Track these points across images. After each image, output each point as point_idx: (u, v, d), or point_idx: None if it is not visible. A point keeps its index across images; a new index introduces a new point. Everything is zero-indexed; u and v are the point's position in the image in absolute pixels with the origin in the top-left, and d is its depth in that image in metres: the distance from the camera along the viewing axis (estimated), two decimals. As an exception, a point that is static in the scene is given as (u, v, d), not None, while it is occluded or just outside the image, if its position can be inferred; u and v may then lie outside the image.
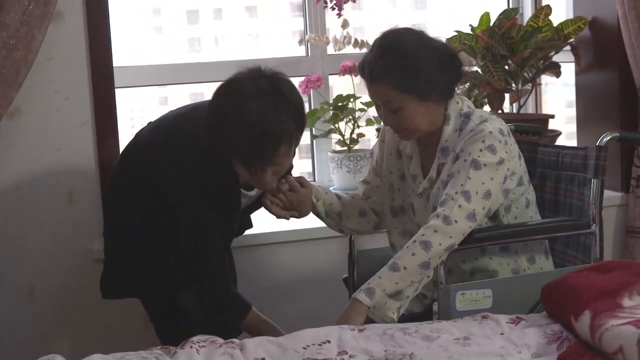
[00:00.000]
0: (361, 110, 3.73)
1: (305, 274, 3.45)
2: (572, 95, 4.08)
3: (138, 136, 2.78)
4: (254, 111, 2.44)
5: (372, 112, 3.89)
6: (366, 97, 3.74)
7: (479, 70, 3.69)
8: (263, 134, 2.44)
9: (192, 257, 2.63)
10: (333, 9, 3.66)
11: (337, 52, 3.78)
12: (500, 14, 3.71)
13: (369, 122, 3.76)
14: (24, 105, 3.16)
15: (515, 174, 2.63)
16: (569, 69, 3.95)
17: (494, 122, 2.59)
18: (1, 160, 3.18)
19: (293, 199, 2.73)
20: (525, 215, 2.70)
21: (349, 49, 3.76)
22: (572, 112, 4.10)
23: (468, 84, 3.76)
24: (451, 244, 2.46)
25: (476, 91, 3.78)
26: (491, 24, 3.69)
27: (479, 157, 2.50)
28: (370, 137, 3.80)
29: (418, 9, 4.59)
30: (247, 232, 3.08)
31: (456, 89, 2.67)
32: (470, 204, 2.47)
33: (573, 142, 4.07)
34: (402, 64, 2.52)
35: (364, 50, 3.75)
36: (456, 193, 2.48)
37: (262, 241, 3.38)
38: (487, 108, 3.85)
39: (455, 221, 2.45)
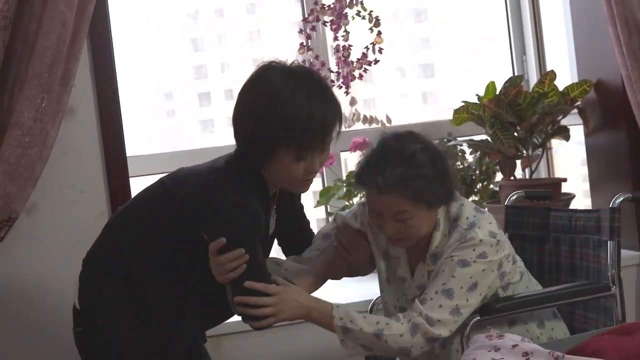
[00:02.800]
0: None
1: (328, 353, 3.43)
2: (584, 154, 4.09)
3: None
4: (303, 97, 2.38)
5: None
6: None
7: (489, 139, 3.71)
8: (320, 118, 2.40)
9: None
10: (340, 87, 3.71)
11: (347, 129, 3.82)
12: (506, 82, 3.74)
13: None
14: (40, 200, 3.20)
15: (510, 256, 2.61)
16: (578, 129, 3.97)
17: (484, 225, 2.52)
18: (20, 256, 3.21)
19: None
20: (521, 287, 2.67)
21: (359, 125, 3.79)
22: (587, 170, 4.11)
23: (479, 152, 3.79)
24: (436, 337, 2.46)
25: (487, 159, 3.80)
26: (497, 93, 3.72)
27: (470, 258, 2.47)
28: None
29: (427, 77, 4.63)
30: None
31: None
32: (452, 300, 2.46)
33: (588, 201, 4.07)
34: (419, 173, 2.42)
35: (374, 125, 3.80)
36: (436, 293, 2.46)
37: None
38: (499, 176, 3.87)
39: (438, 320, 2.45)
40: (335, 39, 3.72)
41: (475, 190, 3.90)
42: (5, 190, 3.01)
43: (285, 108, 2.38)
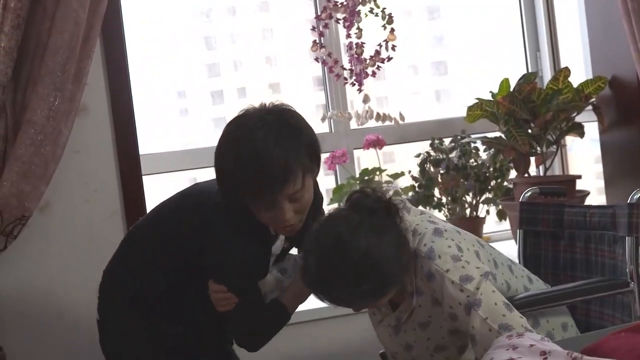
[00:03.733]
0: (388, 182, 3.74)
1: (340, 350, 3.43)
2: (599, 151, 4.08)
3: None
4: (255, 143, 2.24)
5: (400, 183, 3.91)
6: (392, 169, 3.77)
7: (503, 136, 3.69)
8: (267, 166, 2.24)
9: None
10: (353, 84, 3.70)
11: (360, 127, 3.81)
12: (520, 79, 3.74)
13: (396, 193, 3.76)
14: (53, 199, 3.21)
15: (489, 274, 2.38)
16: (593, 126, 3.95)
17: (441, 249, 2.29)
18: (34, 254, 3.22)
19: None
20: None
21: (372, 123, 3.78)
22: (601, 167, 4.09)
23: (493, 149, 3.78)
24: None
25: (501, 156, 3.79)
26: (511, 89, 3.70)
27: (468, 296, 2.26)
28: (398, 208, 3.80)
29: (440, 75, 4.63)
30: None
31: None
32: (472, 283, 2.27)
33: (603, 198, 4.05)
34: (370, 288, 2.22)
35: (387, 123, 3.79)
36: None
37: (292, 320, 3.34)
38: (512, 173, 3.86)
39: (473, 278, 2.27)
40: (348, 36, 3.71)
41: (489, 187, 3.88)
42: (18, 188, 3.01)
43: (217, 163, 2.32)
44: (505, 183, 3.91)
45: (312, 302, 3.02)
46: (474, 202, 3.89)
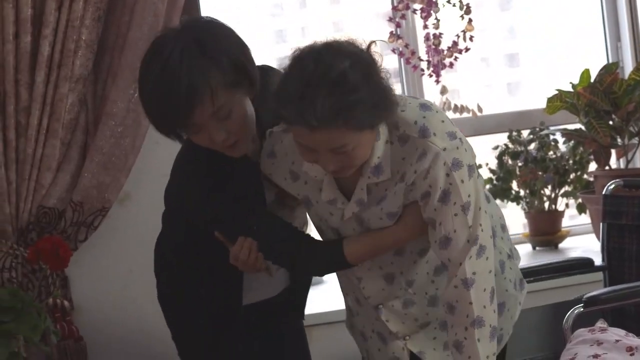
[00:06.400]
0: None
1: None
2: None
3: None
4: (160, 68, 2.07)
5: (476, 175, 3.87)
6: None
7: (583, 128, 3.64)
8: (170, 92, 2.06)
9: None
10: (430, 75, 3.67)
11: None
12: (601, 70, 3.68)
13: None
14: (133, 190, 3.23)
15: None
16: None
17: (434, 123, 2.04)
18: (113, 245, 3.25)
19: None
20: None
21: (449, 114, 3.74)
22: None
23: (572, 142, 3.72)
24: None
25: (581, 148, 3.73)
26: (592, 81, 3.64)
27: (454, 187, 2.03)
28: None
29: (512, 67, 4.58)
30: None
31: None
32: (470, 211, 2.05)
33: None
34: (356, 99, 1.91)
35: (465, 115, 3.75)
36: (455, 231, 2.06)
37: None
38: (592, 166, 3.80)
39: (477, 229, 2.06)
40: (425, 27, 3.67)
41: (569, 180, 3.83)
42: (98, 180, 3.05)
43: (140, 84, 2.18)
44: (585, 176, 3.86)
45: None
46: (553, 195, 3.85)
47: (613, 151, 3.70)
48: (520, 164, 3.82)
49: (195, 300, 2.39)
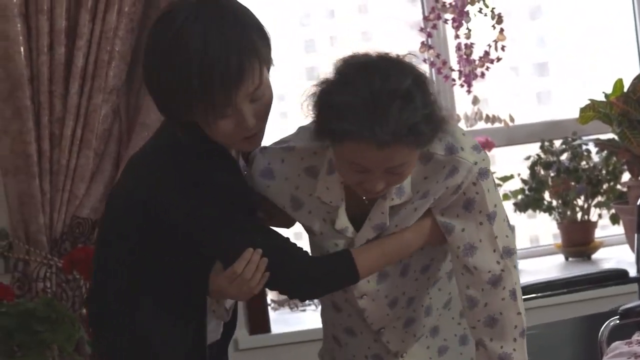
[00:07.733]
0: (497, 185, 3.69)
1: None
2: None
3: None
4: (197, 37, 1.82)
5: (508, 186, 3.86)
6: (502, 172, 3.72)
7: (616, 138, 3.62)
8: (216, 63, 1.82)
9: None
10: (462, 85, 3.67)
11: (469, 129, 3.76)
12: (634, 79, 3.66)
13: (505, 197, 3.72)
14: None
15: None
16: None
17: (458, 138, 1.97)
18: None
19: None
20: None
21: (481, 124, 3.74)
22: None
23: (606, 152, 3.71)
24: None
25: (614, 159, 3.72)
26: (625, 90, 3.63)
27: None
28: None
29: (542, 76, 4.56)
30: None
31: None
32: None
33: None
34: (424, 115, 1.82)
35: (496, 125, 3.74)
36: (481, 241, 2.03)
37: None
38: (625, 176, 3.78)
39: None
40: (457, 37, 3.66)
41: (602, 190, 3.81)
42: (132, 190, 3.05)
43: (153, 79, 1.91)
44: (619, 186, 3.83)
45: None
46: (586, 205, 3.83)
47: (646, 161, 3.68)
48: (552, 174, 3.80)
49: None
